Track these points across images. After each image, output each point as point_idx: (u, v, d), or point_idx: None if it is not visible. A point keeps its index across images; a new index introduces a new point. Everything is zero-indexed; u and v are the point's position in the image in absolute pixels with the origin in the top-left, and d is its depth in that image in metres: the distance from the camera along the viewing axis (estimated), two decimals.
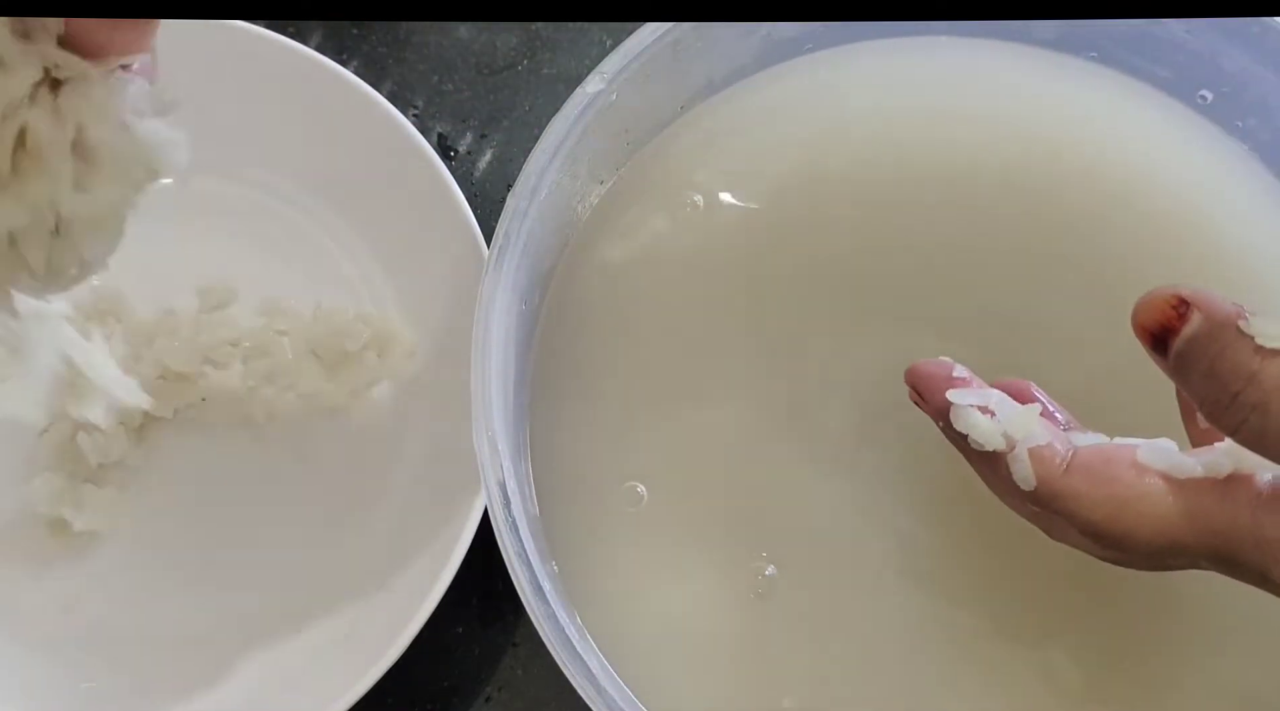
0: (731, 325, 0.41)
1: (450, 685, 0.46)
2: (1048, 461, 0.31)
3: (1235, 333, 0.27)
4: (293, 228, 0.52)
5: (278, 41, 0.50)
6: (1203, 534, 0.29)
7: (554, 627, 0.33)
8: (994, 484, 0.33)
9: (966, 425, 0.32)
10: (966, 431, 0.32)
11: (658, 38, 0.39)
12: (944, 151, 0.43)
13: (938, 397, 0.33)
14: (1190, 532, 0.29)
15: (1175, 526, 0.29)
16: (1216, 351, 0.28)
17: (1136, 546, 0.30)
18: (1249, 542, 0.28)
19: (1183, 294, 0.28)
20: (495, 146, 0.54)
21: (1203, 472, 0.29)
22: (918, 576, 0.38)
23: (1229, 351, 0.27)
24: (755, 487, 0.39)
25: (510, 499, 0.34)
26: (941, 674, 0.37)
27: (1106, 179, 0.42)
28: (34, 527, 0.46)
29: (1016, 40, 0.44)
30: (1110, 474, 0.30)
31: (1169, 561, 0.31)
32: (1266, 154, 0.42)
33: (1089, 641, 0.37)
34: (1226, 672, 0.37)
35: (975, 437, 0.32)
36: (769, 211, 0.42)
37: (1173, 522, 0.29)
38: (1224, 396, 0.28)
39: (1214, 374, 0.28)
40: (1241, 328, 0.27)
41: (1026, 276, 0.41)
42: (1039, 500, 0.31)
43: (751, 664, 0.37)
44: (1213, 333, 0.28)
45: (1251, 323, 0.27)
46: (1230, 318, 0.28)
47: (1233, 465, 0.29)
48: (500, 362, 0.36)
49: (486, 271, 0.37)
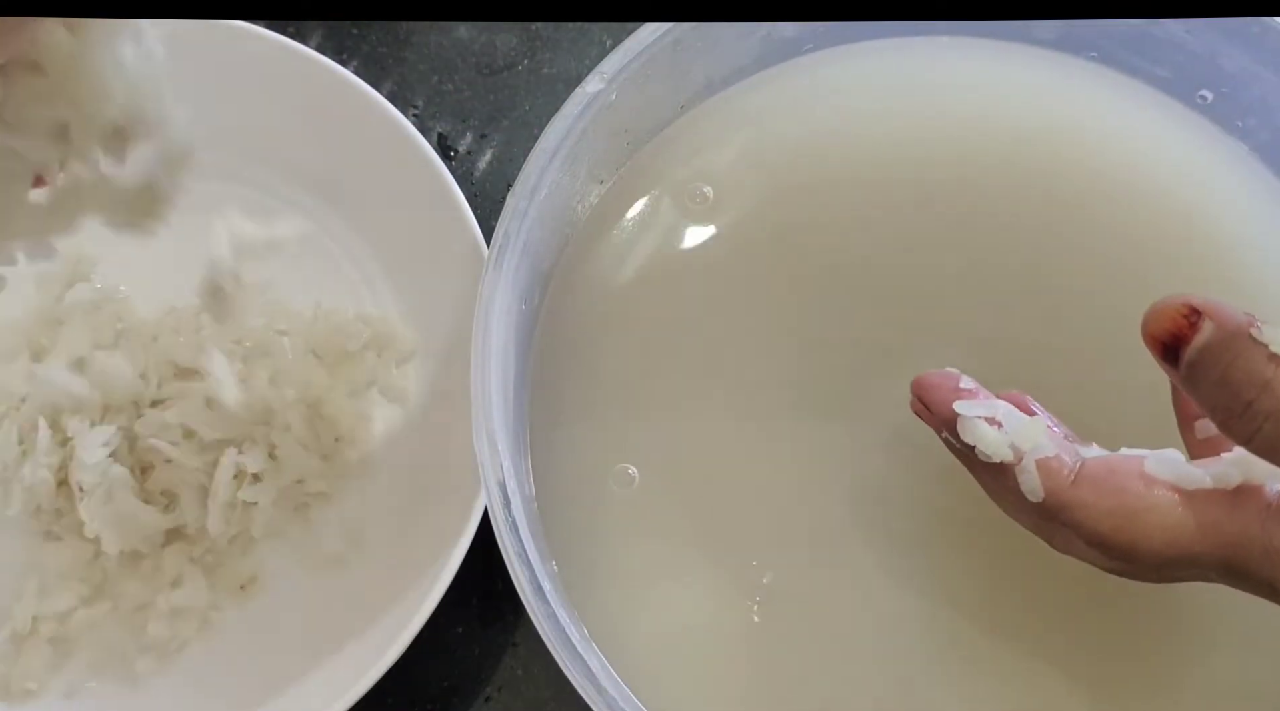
0: (731, 325, 0.41)
1: (450, 685, 0.46)
2: (1055, 473, 0.30)
3: (1248, 341, 0.27)
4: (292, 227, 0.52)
5: (278, 41, 0.50)
6: (1212, 545, 0.29)
7: (554, 627, 0.33)
8: (998, 495, 0.33)
9: (974, 436, 0.32)
10: (974, 443, 0.32)
11: (658, 38, 0.39)
12: (944, 151, 0.43)
13: (944, 409, 0.32)
14: (1199, 543, 0.29)
15: (1184, 537, 0.29)
16: (1229, 360, 0.28)
17: (1144, 557, 0.30)
18: (1258, 553, 0.28)
19: (1194, 303, 0.28)
20: (495, 146, 0.54)
21: (1211, 483, 0.29)
22: (917, 577, 0.38)
23: (1242, 360, 0.27)
24: (755, 489, 0.39)
25: (510, 499, 0.34)
26: (941, 673, 0.37)
27: (1105, 178, 0.42)
28: None
29: (1016, 40, 0.44)
30: (1118, 484, 0.30)
31: (1175, 573, 0.31)
32: (1266, 154, 0.42)
33: (1089, 642, 0.37)
34: (1227, 671, 0.37)
35: (983, 449, 0.31)
36: (768, 211, 0.42)
37: (1181, 533, 0.29)
38: (1237, 405, 0.27)
39: (1227, 382, 0.28)
40: (1254, 336, 0.27)
41: (1025, 276, 0.41)
42: (1046, 511, 0.31)
43: (751, 663, 0.37)
44: (1225, 342, 0.28)
45: (1264, 331, 0.27)
46: (1242, 327, 0.28)
47: (1241, 476, 0.29)
48: (500, 362, 0.36)
49: (486, 271, 0.37)
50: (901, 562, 0.38)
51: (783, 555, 0.38)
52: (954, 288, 0.41)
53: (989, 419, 0.32)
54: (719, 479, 0.39)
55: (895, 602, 0.38)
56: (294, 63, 0.50)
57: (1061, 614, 0.37)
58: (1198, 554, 0.29)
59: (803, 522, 0.38)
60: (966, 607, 0.37)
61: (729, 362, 0.41)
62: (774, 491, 0.39)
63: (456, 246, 0.47)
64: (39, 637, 0.44)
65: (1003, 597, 0.37)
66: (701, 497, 0.39)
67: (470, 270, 0.46)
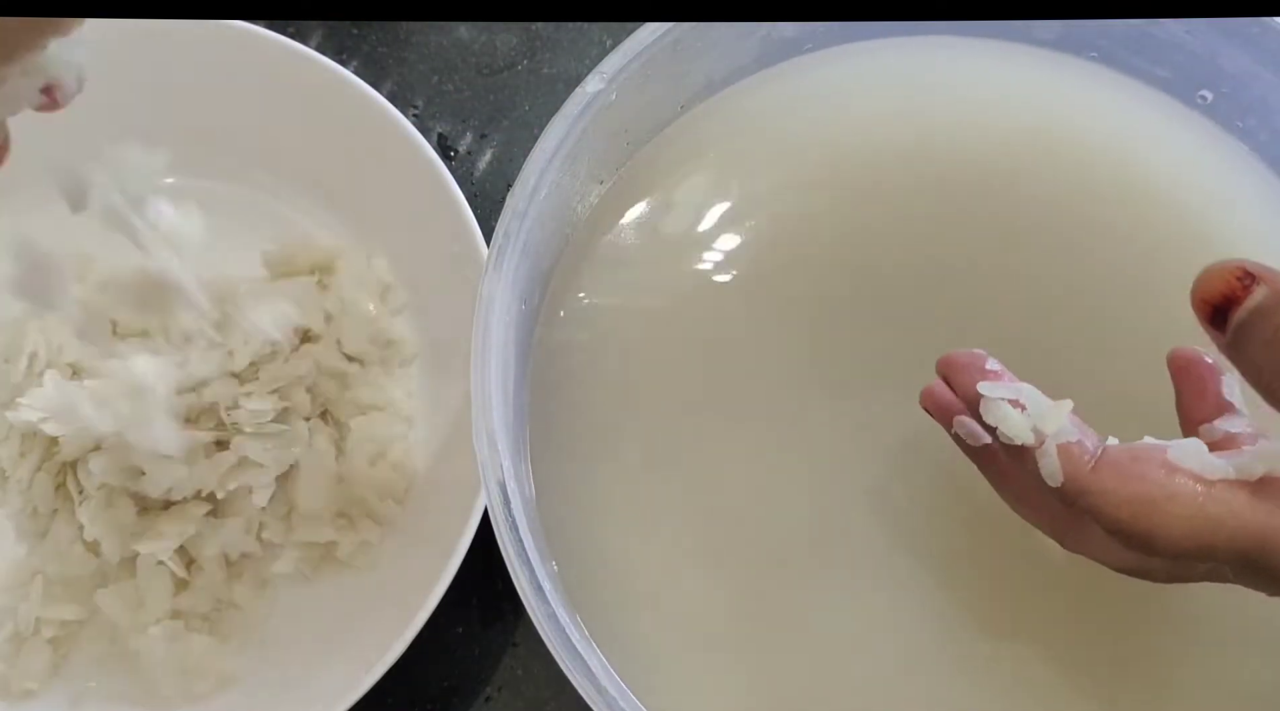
0: (732, 325, 0.41)
1: (450, 685, 0.46)
2: (1076, 457, 0.30)
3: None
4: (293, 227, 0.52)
5: (278, 41, 0.50)
6: (1233, 536, 0.29)
7: (554, 627, 0.33)
8: (1011, 487, 0.33)
9: (997, 418, 0.31)
10: (996, 424, 0.31)
11: (658, 38, 0.39)
12: (944, 150, 0.43)
13: (969, 389, 0.32)
14: (1220, 534, 0.29)
15: (1204, 527, 0.29)
16: None
17: (1162, 547, 0.29)
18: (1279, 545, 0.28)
19: (1247, 266, 0.29)
20: (495, 146, 0.54)
21: (1235, 474, 0.29)
22: (918, 580, 0.38)
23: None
24: (756, 490, 0.39)
25: (510, 499, 0.34)
26: (941, 674, 0.37)
27: (1105, 178, 0.42)
28: None
29: (1016, 40, 0.44)
30: (1139, 472, 0.29)
31: (1189, 571, 0.31)
32: (1266, 154, 0.42)
33: (1089, 641, 0.37)
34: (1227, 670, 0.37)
35: (1005, 430, 0.31)
36: (768, 211, 0.42)
37: (1202, 523, 0.29)
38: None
39: (1276, 343, 0.28)
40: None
41: (1025, 276, 0.41)
42: (1065, 497, 0.30)
43: (751, 664, 0.37)
44: (1277, 303, 0.28)
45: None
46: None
47: (1265, 468, 0.29)
48: (500, 362, 0.36)
49: (486, 271, 0.37)
50: (903, 565, 0.38)
51: (783, 556, 0.38)
52: (954, 287, 0.41)
53: (1013, 401, 0.31)
54: (720, 479, 0.39)
55: (896, 604, 0.38)
56: (294, 63, 0.50)
57: (1063, 613, 0.37)
58: (1216, 546, 0.29)
59: (803, 523, 0.38)
60: (968, 611, 0.37)
61: (730, 363, 0.41)
62: (775, 492, 0.39)
63: (456, 246, 0.47)
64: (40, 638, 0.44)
65: (1004, 602, 0.37)
66: (702, 498, 0.39)
67: (470, 270, 0.46)
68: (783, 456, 0.39)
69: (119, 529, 0.44)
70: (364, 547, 0.46)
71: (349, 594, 0.45)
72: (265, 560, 0.45)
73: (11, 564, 0.45)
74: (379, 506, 0.46)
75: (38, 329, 0.46)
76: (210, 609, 0.45)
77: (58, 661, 0.44)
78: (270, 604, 0.46)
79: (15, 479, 0.45)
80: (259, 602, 0.45)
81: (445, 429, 0.47)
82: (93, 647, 0.45)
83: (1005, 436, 0.31)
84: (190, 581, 0.45)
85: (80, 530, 0.44)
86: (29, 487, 0.45)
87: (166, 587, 0.44)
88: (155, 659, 0.44)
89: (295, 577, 0.46)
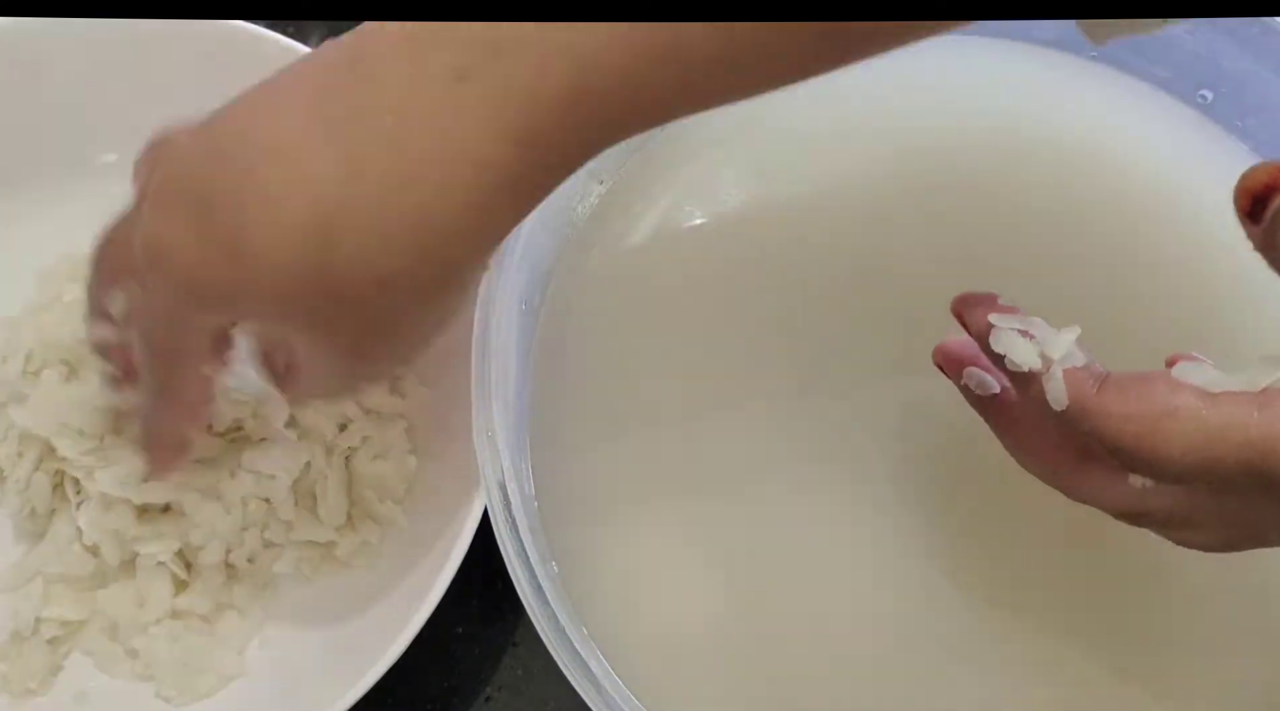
0: (733, 325, 0.41)
1: (450, 685, 0.46)
2: (1081, 381, 0.30)
3: None
4: None
5: (278, 41, 0.50)
6: (1238, 446, 0.29)
7: (554, 627, 0.33)
8: (1016, 431, 0.33)
9: (1006, 345, 0.31)
10: (1004, 351, 0.31)
11: None
12: (943, 150, 0.43)
13: (980, 321, 0.32)
14: (1225, 445, 0.29)
15: (1209, 441, 0.29)
16: None
17: (1165, 465, 0.29)
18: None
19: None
20: None
21: (1238, 386, 0.29)
22: (918, 576, 0.38)
23: None
24: (756, 488, 0.39)
25: (510, 499, 0.34)
26: (941, 672, 0.37)
27: (1105, 177, 0.42)
28: None
29: (1017, 40, 0.44)
30: (1143, 390, 0.30)
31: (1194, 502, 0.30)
32: (1266, 154, 0.42)
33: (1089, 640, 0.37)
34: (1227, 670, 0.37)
35: (1013, 356, 0.31)
36: (768, 210, 0.42)
37: (1206, 437, 0.29)
38: None
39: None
40: None
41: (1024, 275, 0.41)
42: (1070, 420, 0.30)
43: (750, 664, 0.37)
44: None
45: None
46: None
47: (1269, 378, 0.29)
48: (500, 362, 0.36)
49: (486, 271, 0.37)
50: (903, 565, 0.38)
51: (784, 555, 0.38)
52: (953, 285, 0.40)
53: (1022, 331, 0.31)
54: (720, 479, 0.39)
55: (895, 602, 0.38)
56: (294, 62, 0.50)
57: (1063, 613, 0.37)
58: (1222, 458, 0.29)
59: (804, 524, 0.38)
60: (967, 607, 0.37)
61: (731, 362, 0.41)
62: (776, 492, 0.39)
63: None
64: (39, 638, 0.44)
65: (1003, 596, 0.37)
66: (703, 497, 0.39)
67: None
68: (785, 457, 0.39)
69: (117, 533, 0.44)
70: (364, 547, 0.46)
71: (349, 594, 0.45)
72: (265, 560, 0.45)
73: (11, 564, 0.45)
74: (379, 506, 0.46)
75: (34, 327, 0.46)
76: (210, 609, 0.45)
77: (58, 661, 0.44)
78: (270, 604, 0.46)
79: (14, 479, 0.45)
80: (259, 603, 0.45)
81: (445, 429, 0.47)
82: (93, 647, 0.45)
83: (1013, 363, 0.31)
84: (190, 581, 0.45)
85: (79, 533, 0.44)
86: (26, 488, 0.44)
87: (167, 587, 0.44)
88: (156, 659, 0.44)
89: (295, 577, 0.46)
